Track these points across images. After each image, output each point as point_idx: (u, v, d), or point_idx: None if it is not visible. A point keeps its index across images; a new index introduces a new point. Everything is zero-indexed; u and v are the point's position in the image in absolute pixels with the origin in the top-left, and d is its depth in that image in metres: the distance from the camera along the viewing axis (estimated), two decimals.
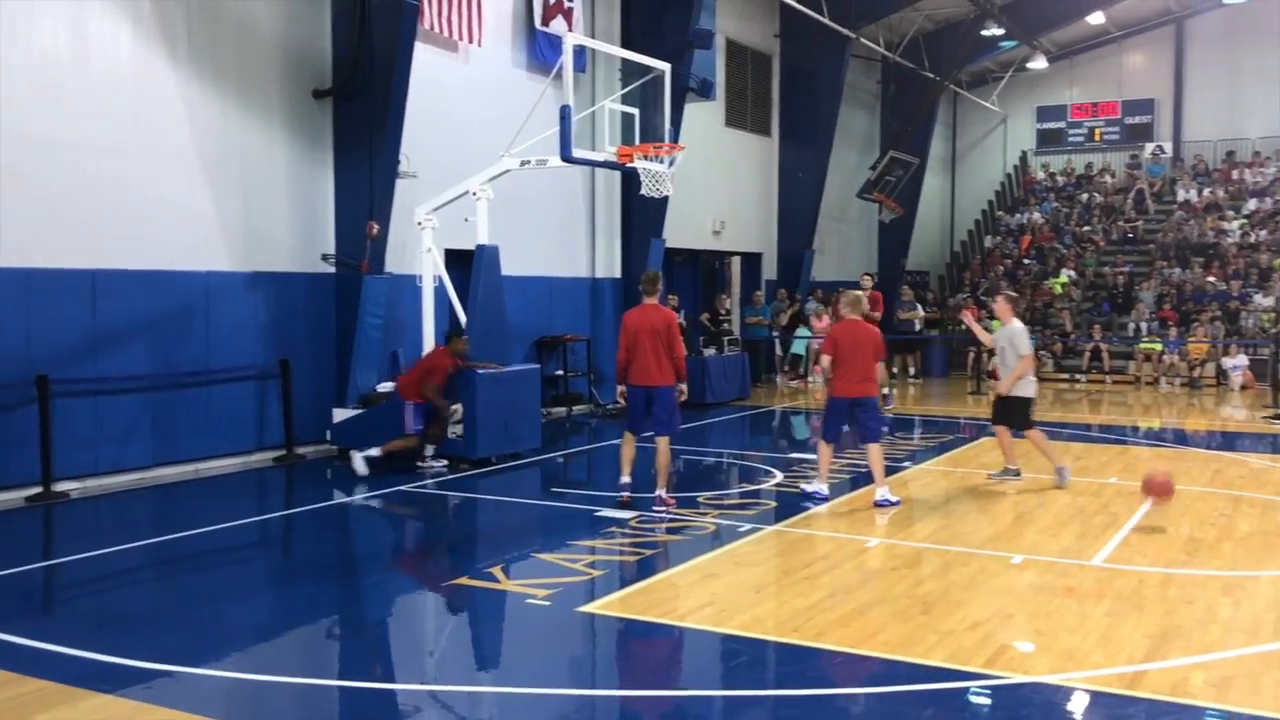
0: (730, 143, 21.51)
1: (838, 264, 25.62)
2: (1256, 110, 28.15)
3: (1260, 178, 27.39)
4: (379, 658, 6.48)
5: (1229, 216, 26.38)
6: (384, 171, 13.00)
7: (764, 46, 22.51)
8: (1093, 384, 22.09)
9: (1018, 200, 30.53)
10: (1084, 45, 29.98)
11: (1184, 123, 29.41)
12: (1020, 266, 27.15)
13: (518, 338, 15.03)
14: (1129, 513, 9.59)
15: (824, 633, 6.35)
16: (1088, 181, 30.03)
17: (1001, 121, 31.30)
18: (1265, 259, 24.21)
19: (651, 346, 9.59)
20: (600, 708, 5.59)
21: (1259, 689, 5.44)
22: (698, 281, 22.04)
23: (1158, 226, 27.10)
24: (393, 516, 10.27)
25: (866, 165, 25.66)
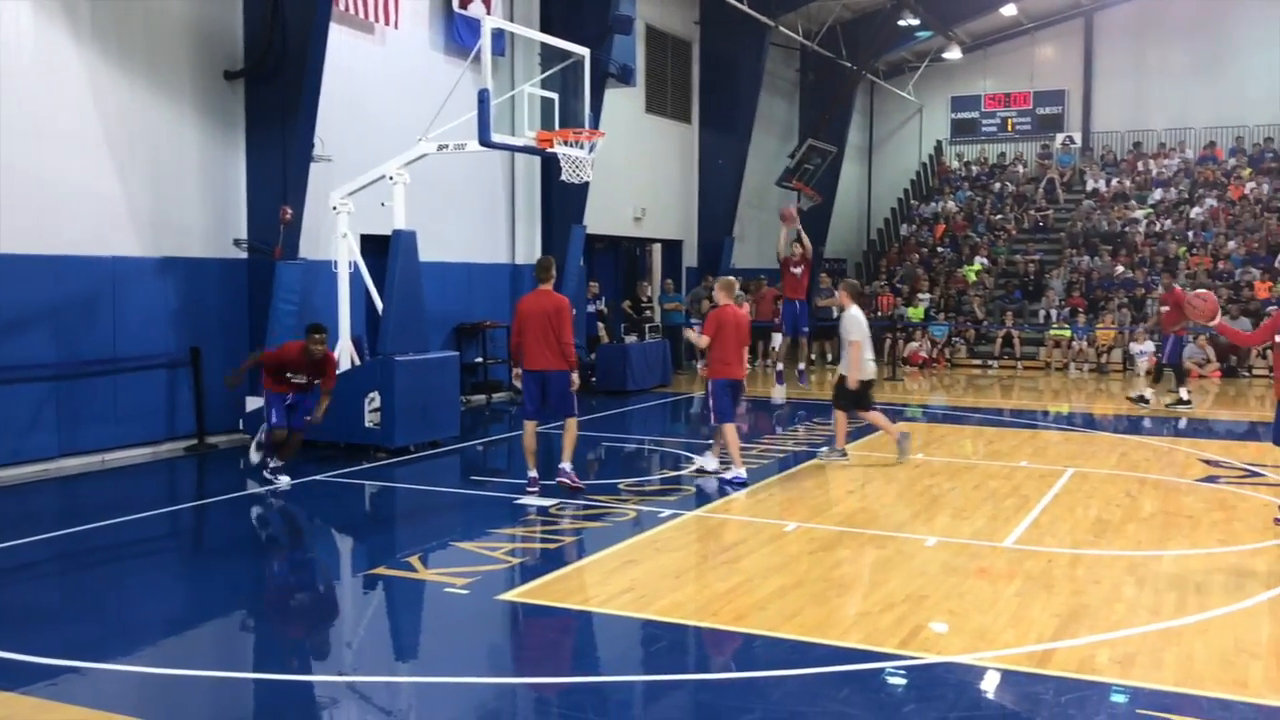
0: (651, 129, 21.51)
1: (758, 251, 25.80)
2: (1162, 103, 28.93)
3: (1165, 169, 28.17)
4: (295, 650, 6.38)
5: (1135, 206, 27.09)
6: (298, 155, 12.75)
7: (684, 33, 22.53)
8: (1004, 370, 22.57)
9: (933, 189, 31.02)
10: (997, 36, 30.53)
11: (1093, 114, 30.13)
12: (935, 254, 27.59)
13: (436, 325, 14.87)
14: (1039, 495, 9.82)
15: (743, 616, 6.40)
16: (1000, 171, 30.61)
17: (917, 111, 31.75)
18: (1171, 248, 24.92)
19: (542, 332, 9.68)
20: (520, 696, 5.57)
21: (1161, 665, 5.60)
22: (619, 269, 22.04)
23: (1067, 215, 27.74)
24: (309, 506, 10.10)
25: (785, 153, 25.85)
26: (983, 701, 5.27)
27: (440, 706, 5.41)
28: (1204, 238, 25.09)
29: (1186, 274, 23.56)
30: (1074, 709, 5.04)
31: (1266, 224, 24.85)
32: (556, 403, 9.91)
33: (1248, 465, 11.37)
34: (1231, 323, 13.62)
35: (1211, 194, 26.72)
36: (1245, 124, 27.97)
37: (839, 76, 25.94)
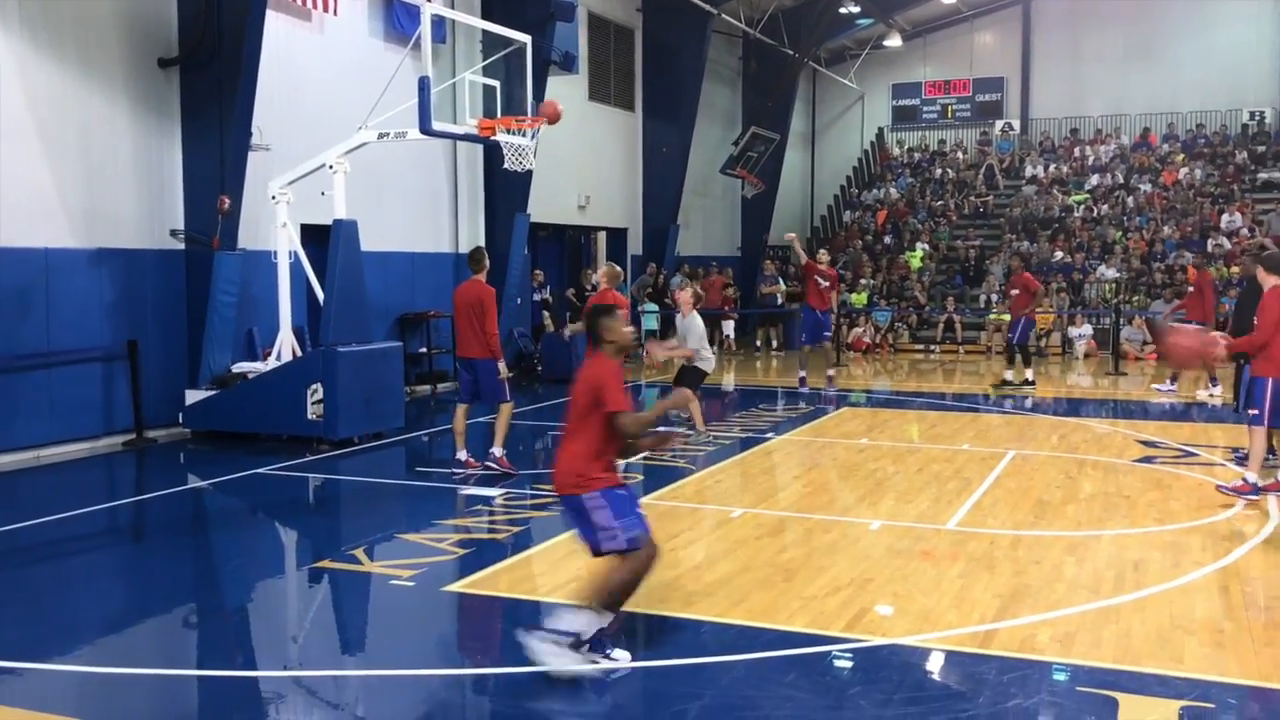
0: (594, 117, 21.45)
1: (703, 239, 25.88)
2: (1098, 90, 29.38)
3: (1102, 155, 28.63)
4: (239, 645, 6.30)
5: (1073, 191, 27.51)
6: (235, 144, 12.56)
7: (626, 20, 22.48)
8: (946, 354, 22.83)
9: (875, 176, 31.27)
10: (937, 24, 30.81)
11: (1031, 101, 30.52)
12: (878, 241, 27.83)
13: (379, 315, 14.73)
14: (981, 478, 9.95)
15: (690, 603, 6.42)
16: (941, 158, 30.93)
17: (859, 99, 31.97)
18: (1108, 232, 25.34)
19: (468, 321, 9.92)
20: (469, 687, 5.54)
21: (1100, 642, 5.71)
22: (563, 257, 21.98)
23: (1007, 201, 28.11)
24: (251, 500, 9.97)
25: (729, 141, 25.94)
26: (927, 682, 5.34)
27: (388, 699, 5.38)
28: (1139, 222, 25.54)
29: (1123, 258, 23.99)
30: (1015, 688, 5.12)
31: (1199, 209, 25.35)
32: (488, 391, 10.11)
33: (1183, 445, 11.61)
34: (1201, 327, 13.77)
35: (1146, 179, 27.20)
36: (1178, 110, 28.51)
37: (781, 64, 26.06)
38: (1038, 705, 4.96)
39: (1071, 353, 21.91)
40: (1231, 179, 26.31)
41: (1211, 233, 24.34)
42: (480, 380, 10.10)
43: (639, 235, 23.32)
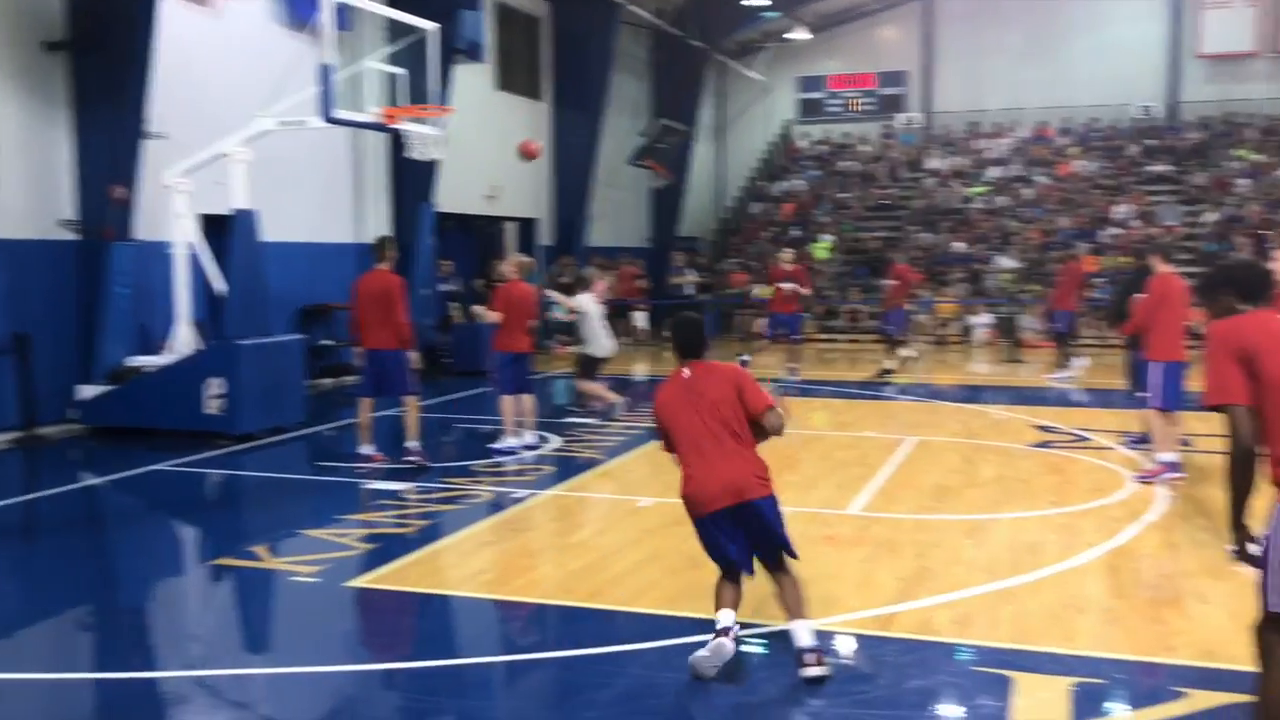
0: (502, 107, 21.30)
1: (614, 230, 25.87)
2: (997, 84, 30.03)
3: (1000, 148, 29.32)
4: (137, 646, 6.13)
5: (973, 184, 28.13)
6: (129, 131, 12.21)
7: (533, 10, 22.35)
8: (852, 344, 23.19)
9: (782, 168, 31.58)
10: (842, 18, 31.19)
11: (933, 95, 31.09)
12: (785, 233, 28.12)
13: (280, 307, 14.41)
14: (883, 463, 10.14)
15: (598, 592, 6.44)
16: (846, 150, 31.36)
17: (766, 92, 32.23)
18: (1007, 224, 25.97)
19: (373, 311, 9.79)
20: (377, 682, 5.49)
21: (997, 622, 5.87)
22: (472, 247, 21.80)
23: (909, 193, 28.63)
24: (148, 498, 9.72)
25: (638, 132, 25.96)
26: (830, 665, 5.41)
27: (293, 697, 5.29)
28: (1036, 214, 26.22)
29: (1020, 249, 24.61)
30: (915, 669, 5.23)
31: (1093, 200, 26.13)
32: (393, 382, 10.00)
33: (1077, 430, 11.96)
34: None
35: (1042, 172, 27.93)
36: (1073, 105, 29.31)
37: (689, 56, 26.16)
38: (936, 685, 5.07)
39: (971, 340, 22.44)
40: (1123, 172, 27.17)
41: (1104, 224, 25.11)
42: (388, 372, 9.96)
43: (549, 226, 23.24)
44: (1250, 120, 27.87)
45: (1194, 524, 7.88)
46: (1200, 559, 6.98)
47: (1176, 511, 8.27)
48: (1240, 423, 3.83)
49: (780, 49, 30.78)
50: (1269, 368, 3.77)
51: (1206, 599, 6.19)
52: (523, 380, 10.97)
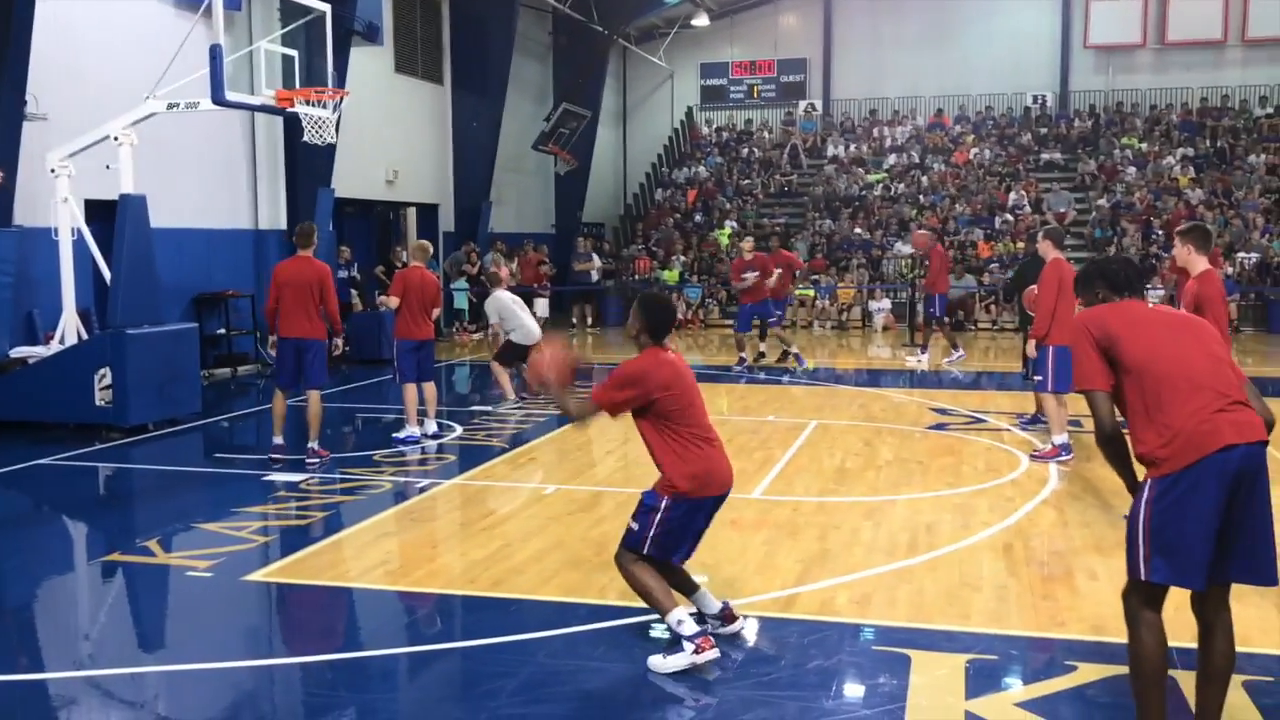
0: (402, 90, 20.98)
1: (516, 216, 25.71)
2: (895, 73, 30.55)
3: (898, 135, 29.84)
4: (24, 647, 5.90)
5: (872, 170, 28.57)
6: (8, 113, 11.70)
7: None
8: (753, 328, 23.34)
9: (685, 154, 31.69)
10: (743, 5, 31.39)
11: (833, 82, 31.49)
12: (688, 219, 28.25)
13: (172, 295, 14.02)
14: (785, 447, 10.25)
15: (501, 581, 6.39)
16: (748, 137, 31.60)
17: (668, 77, 32.29)
18: (904, 210, 26.45)
19: (302, 300, 9.48)
20: (278, 677, 5.38)
21: (895, 602, 5.98)
22: (372, 233, 21.46)
23: (810, 180, 28.97)
24: (33, 493, 9.37)
25: (541, 116, 25.81)
26: (731, 648, 5.45)
27: (190, 694, 5.15)
28: (933, 200, 26.75)
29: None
30: (815, 649, 5.30)
31: (988, 187, 26.75)
32: (313, 370, 9.71)
33: (972, 413, 12.24)
34: None
35: (940, 159, 28.50)
36: (969, 93, 29.96)
37: (591, 40, 26.07)
38: (836, 665, 5.15)
39: (871, 325, 22.82)
40: (1017, 159, 27.86)
41: (999, 210, 25.73)
42: (306, 361, 9.64)
43: (451, 211, 22.98)
44: (1136, 110, 28.82)
45: (1084, 502, 8.13)
46: (1090, 536, 7.21)
47: (1067, 490, 8.52)
48: (1099, 407, 4.07)
49: (682, 35, 30.87)
50: (1127, 354, 4.00)
51: (1096, 575, 6.39)
52: (425, 368, 10.83)
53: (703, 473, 5.16)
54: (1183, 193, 25.12)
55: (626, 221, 30.05)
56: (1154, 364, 3.96)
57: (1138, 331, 4.04)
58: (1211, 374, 3.95)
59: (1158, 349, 4.00)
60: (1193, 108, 28.26)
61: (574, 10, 24.91)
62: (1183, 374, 3.93)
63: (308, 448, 9.71)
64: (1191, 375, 3.93)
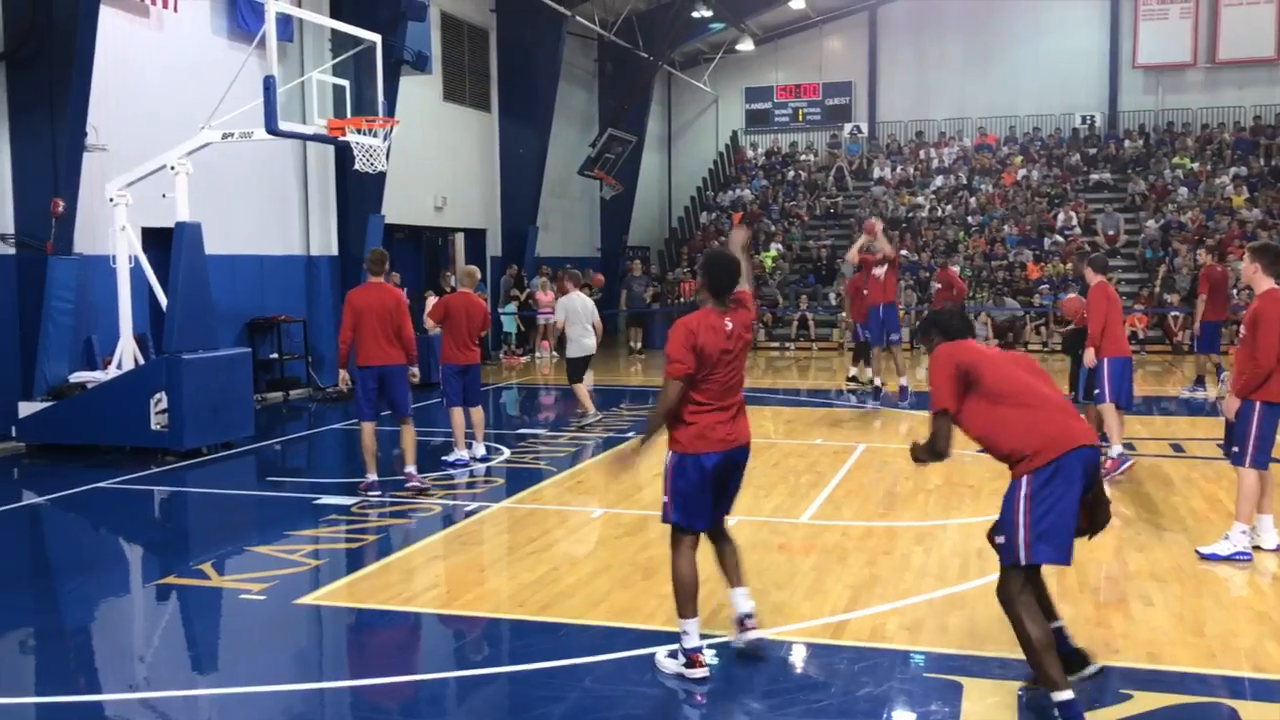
0: (450, 118, 21.22)
1: (562, 240, 25.87)
2: (941, 94, 30.44)
3: (945, 157, 29.69)
4: (82, 668, 6.01)
5: (919, 192, 28.44)
6: (69, 144, 12.00)
7: (480, 21, 22.31)
8: (800, 351, 23.34)
9: (730, 178, 31.75)
10: (787, 29, 31.45)
11: (878, 104, 31.43)
12: None
13: (227, 320, 14.26)
14: (834, 471, 10.20)
15: (549, 605, 6.41)
16: (793, 160, 31.60)
17: (713, 102, 32.40)
18: (951, 231, 26.29)
19: (381, 327, 9.34)
20: (329, 700, 5.42)
21: (946, 629, 5.92)
22: (420, 258, 21.68)
23: (856, 202, 28.88)
24: (92, 516, 9.54)
25: (586, 142, 25.98)
26: (781, 674, 5.44)
27: (242, 717, 5.22)
28: (981, 221, 26.56)
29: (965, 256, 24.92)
30: (866, 676, 5.27)
31: (1036, 208, 26.53)
32: (398, 398, 9.57)
33: None
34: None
35: (987, 180, 28.32)
36: (1016, 114, 29.77)
37: (636, 67, 26.23)
38: (888, 692, 5.11)
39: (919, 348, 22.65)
40: (1065, 179, 27.61)
41: (1048, 231, 25.50)
42: (390, 389, 9.50)
43: (498, 236, 23.18)
44: (1187, 129, 28.48)
45: (1137, 527, 8.01)
46: (1145, 562, 7.10)
47: (1121, 515, 8.40)
48: (943, 426, 4.96)
49: (727, 60, 30.98)
50: (987, 376, 4.83)
51: (1151, 601, 6.29)
52: (472, 392, 10.90)
53: (696, 433, 5.30)
54: (1236, 212, 24.75)
55: (671, 245, 30.12)
56: (1011, 383, 4.82)
57: (988, 361, 4.91)
58: (1053, 392, 4.91)
59: (1010, 373, 4.89)
60: (1245, 126, 27.88)
61: (620, 37, 25.09)
62: (1033, 391, 4.82)
63: (405, 472, 9.56)
64: (1039, 392, 4.83)
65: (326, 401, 15.89)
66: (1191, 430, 12.43)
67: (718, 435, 5.33)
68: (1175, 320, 21.50)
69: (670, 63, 29.27)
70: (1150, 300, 22.33)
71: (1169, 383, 17.35)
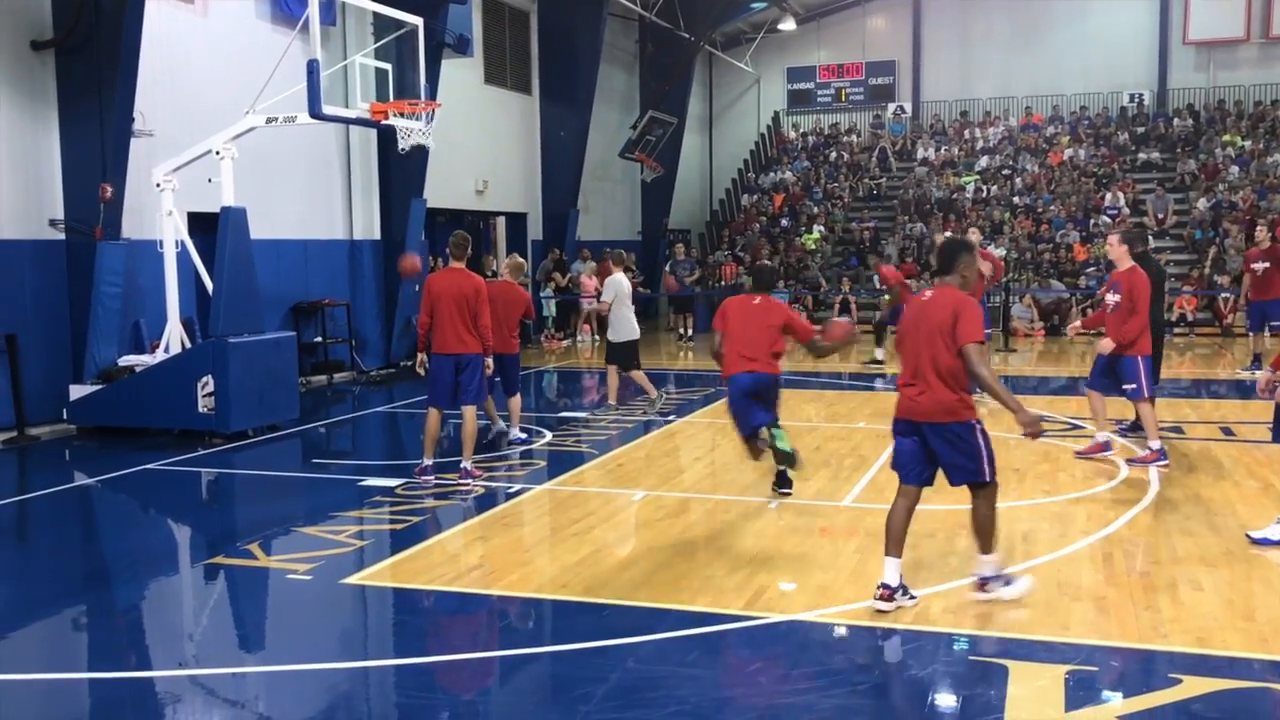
0: (490, 100, 21.26)
1: (603, 223, 25.86)
2: (986, 73, 30.08)
3: (990, 137, 29.33)
4: (132, 645, 6.12)
5: (963, 173, 28.13)
6: (116, 130, 12.14)
7: (521, 3, 22.31)
8: None
9: (771, 159, 31.57)
10: (830, 8, 31.19)
11: (922, 84, 31.10)
12: (775, 224, 28.12)
13: (271, 304, 14.39)
14: (876, 454, 10.13)
15: (592, 587, 6.43)
16: (835, 140, 31.35)
17: (755, 82, 32.22)
18: (997, 213, 25.99)
19: (459, 313, 9.16)
20: (373, 679, 5.48)
21: (991, 612, 5.87)
22: None
23: (899, 183, 28.62)
24: (141, 497, 9.69)
25: (627, 124, 25.93)
26: (825, 657, 5.43)
27: (288, 695, 5.28)
28: (1027, 202, 26.23)
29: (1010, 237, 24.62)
30: (911, 659, 5.24)
31: (1083, 188, 26.15)
32: (470, 386, 9.33)
33: (1071, 419, 11.97)
34: None
35: (1033, 160, 27.95)
36: (1062, 94, 29.34)
37: (677, 47, 26.11)
38: (932, 675, 5.08)
39: None
40: (1113, 159, 27.19)
41: (1094, 212, 25.14)
42: (465, 377, 9.27)
43: (539, 220, 23.21)
44: (1239, 106, 27.93)
45: (1185, 511, 7.90)
46: (1194, 546, 7.01)
47: (1168, 499, 8.29)
48: (712, 338, 8.37)
49: (769, 39, 30.77)
50: (728, 320, 8.19)
51: (1201, 586, 6.21)
52: (510, 380, 10.95)
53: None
54: None
55: (712, 227, 30.03)
56: (728, 325, 8.22)
57: (732, 309, 8.36)
58: (751, 339, 8.17)
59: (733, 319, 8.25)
60: None
61: (661, 18, 24.99)
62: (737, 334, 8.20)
63: (461, 467, 9.40)
64: (739, 336, 8.20)
65: (370, 384, 16.02)
66: (1242, 414, 12.22)
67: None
68: (1225, 302, 21.13)
69: (711, 43, 29.11)
70: (1200, 282, 21.96)
71: (1219, 365, 17.08)
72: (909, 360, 5.99)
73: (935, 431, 5.89)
